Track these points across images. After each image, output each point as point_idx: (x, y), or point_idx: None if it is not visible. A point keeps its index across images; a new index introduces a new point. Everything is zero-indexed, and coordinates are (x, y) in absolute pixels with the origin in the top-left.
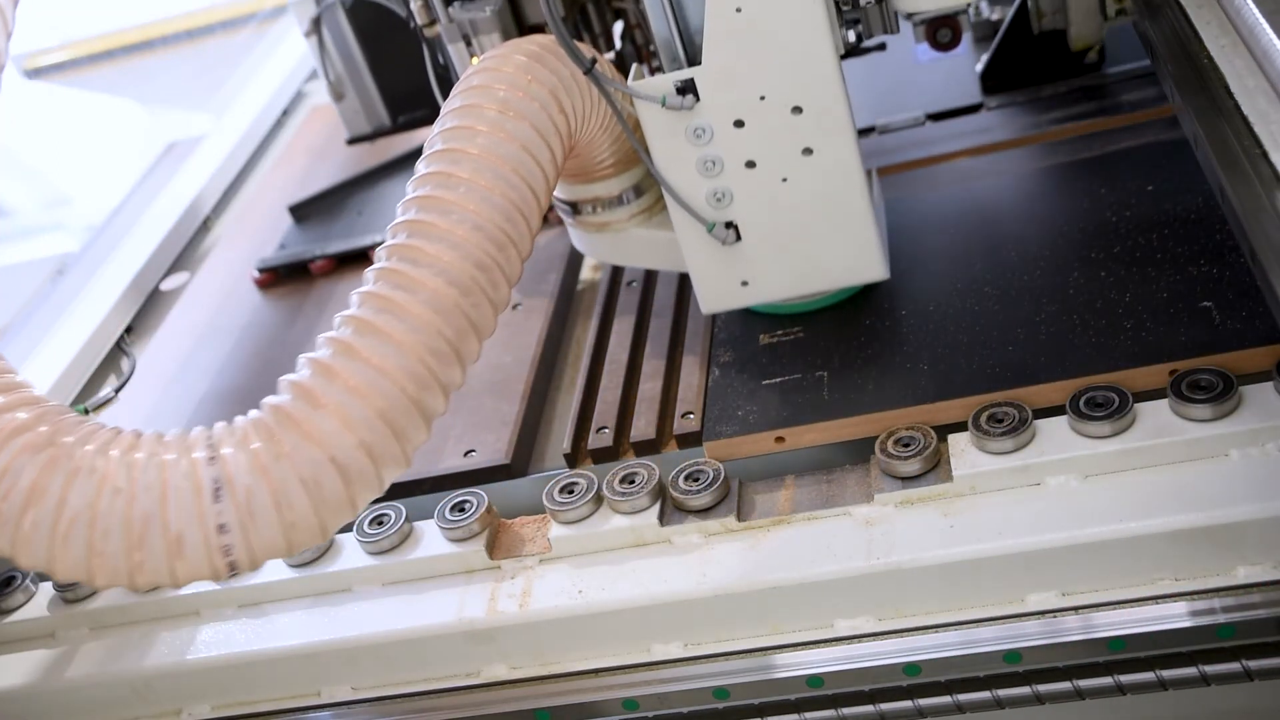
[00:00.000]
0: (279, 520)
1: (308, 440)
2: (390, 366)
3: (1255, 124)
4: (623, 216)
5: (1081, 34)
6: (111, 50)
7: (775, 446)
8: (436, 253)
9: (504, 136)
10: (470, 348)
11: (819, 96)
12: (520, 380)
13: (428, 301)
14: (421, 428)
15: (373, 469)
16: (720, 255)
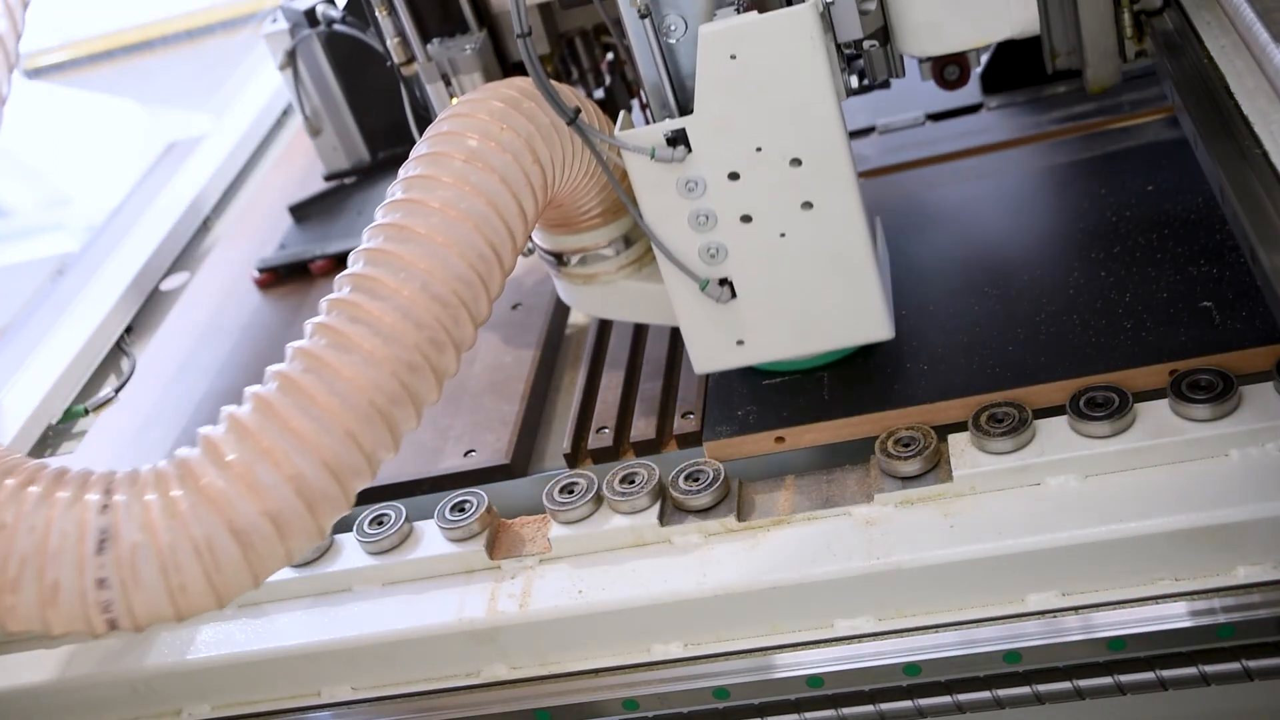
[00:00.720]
0: (164, 584)
1: (206, 503)
2: (309, 432)
3: (1255, 124)
4: (611, 268)
5: (1098, 76)
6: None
7: (775, 446)
8: (379, 313)
9: (469, 190)
10: (405, 413)
11: (819, 147)
12: (520, 380)
13: (362, 362)
14: (339, 499)
15: (278, 539)
16: (714, 313)
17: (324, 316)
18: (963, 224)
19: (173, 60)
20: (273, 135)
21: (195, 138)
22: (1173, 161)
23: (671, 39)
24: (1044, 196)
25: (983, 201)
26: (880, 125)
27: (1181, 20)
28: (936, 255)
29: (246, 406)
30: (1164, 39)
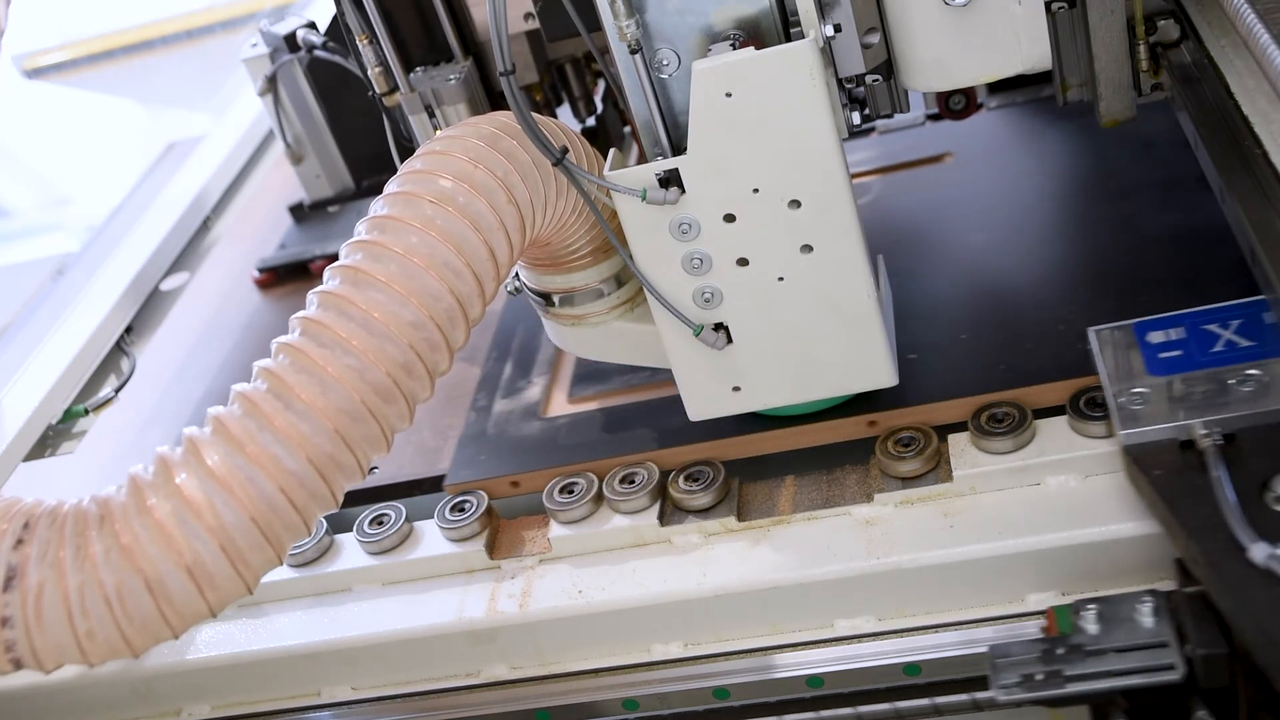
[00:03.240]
0: (70, 628)
1: (121, 551)
2: (238, 484)
3: (1255, 124)
4: (601, 309)
5: (1111, 109)
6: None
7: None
8: (324, 362)
9: (435, 235)
10: (340, 478)
11: (819, 188)
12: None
13: (299, 418)
14: (269, 553)
15: (198, 594)
16: (709, 358)
17: (270, 361)
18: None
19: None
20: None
21: (195, 138)
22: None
23: (664, 74)
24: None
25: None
26: (880, 125)
27: (1199, 52)
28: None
29: (178, 450)
30: (1180, 72)
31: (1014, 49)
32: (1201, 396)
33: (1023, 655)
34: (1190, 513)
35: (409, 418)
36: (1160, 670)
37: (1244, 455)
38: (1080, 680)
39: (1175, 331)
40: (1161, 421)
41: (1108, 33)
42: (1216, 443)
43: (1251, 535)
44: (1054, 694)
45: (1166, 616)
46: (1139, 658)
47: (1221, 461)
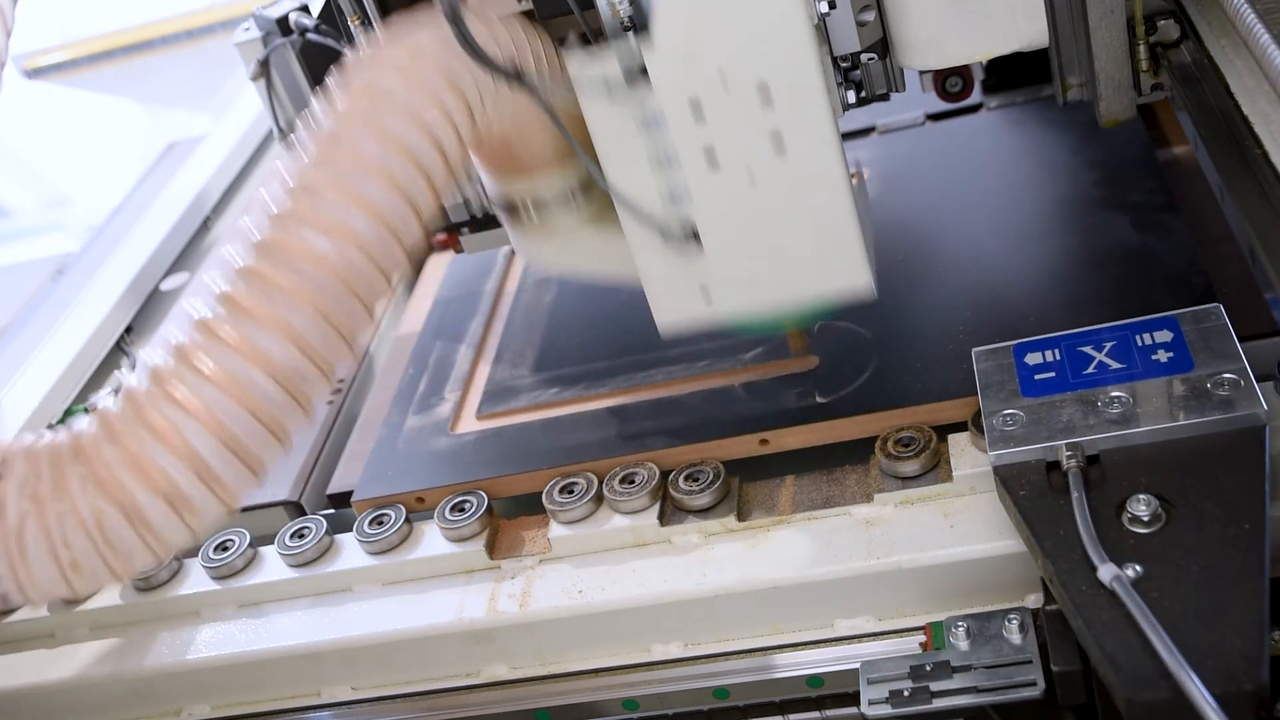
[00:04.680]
0: (54, 560)
1: (96, 482)
2: (204, 409)
3: (1255, 124)
4: (569, 221)
5: (1111, 109)
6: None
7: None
8: (275, 275)
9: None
10: (306, 388)
11: (791, 76)
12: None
13: (259, 333)
14: (243, 472)
15: (177, 519)
16: (678, 264)
17: (219, 279)
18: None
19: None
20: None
21: (195, 138)
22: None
23: None
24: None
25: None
26: (880, 125)
27: (1199, 52)
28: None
29: (139, 378)
30: (1180, 72)
31: (1010, 26)
32: (1069, 418)
33: (893, 672)
34: (1048, 533)
35: (369, 319)
36: (1022, 687)
37: (1105, 476)
38: (945, 696)
39: (1051, 353)
40: (1029, 443)
41: (1108, 33)
42: (1079, 464)
43: (1102, 555)
44: (919, 710)
45: (1032, 633)
46: (1004, 674)
47: (1082, 483)
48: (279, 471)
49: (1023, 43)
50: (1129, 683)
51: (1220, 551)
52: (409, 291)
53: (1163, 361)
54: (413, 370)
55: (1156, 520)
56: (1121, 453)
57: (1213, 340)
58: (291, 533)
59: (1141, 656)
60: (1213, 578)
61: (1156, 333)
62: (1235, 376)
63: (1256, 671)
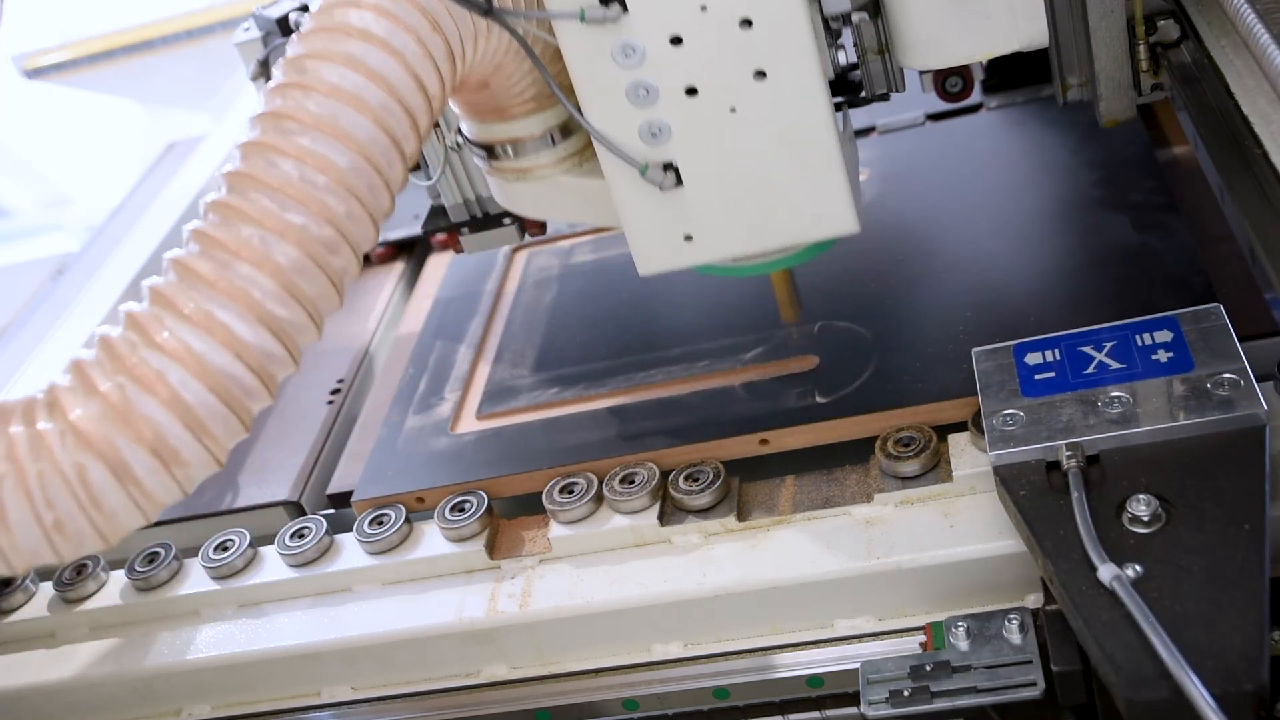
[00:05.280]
0: (37, 522)
1: (75, 435)
2: (189, 354)
3: (1255, 124)
4: (547, 161)
5: (1111, 109)
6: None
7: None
8: (260, 217)
9: (361, 73)
10: (295, 335)
11: (774, 4)
12: None
13: (244, 278)
14: (232, 422)
15: (164, 471)
16: (658, 204)
17: (198, 223)
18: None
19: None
20: None
21: (195, 138)
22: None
23: None
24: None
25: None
26: (880, 125)
27: (1199, 52)
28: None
29: (116, 329)
30: (1180, 72)
31: (1010, 26)
32: (1069, 418)
33: (893, 672)
34: (1048, 533)
35: (357, 267)
36: (1022, 687)
37: (1105, 476)
38: (945, 697)
39: (1051, 353)
40: (1029, 443)
41: (1108, 33)
42: (1079, 464)
43: (1102, 555)
44: (919, 710)
45: (1032, 633)
46: (1004, 674)
47: (1082, 483)
48: (279, 471)
49: (1023, 43)
50: (1129, 683)
51: (1220, 551)
52: (409, 291)
53: (1163, 361)
54: (413, 370)
55: (1156, 520)
56: (1121, 453)
57: (1213, 340)
58: (291, 533)
59: (1141, 656)
60: (1213, 578)
61: (1156, 333)
62: (1235, 376)
63: (1256, 671)
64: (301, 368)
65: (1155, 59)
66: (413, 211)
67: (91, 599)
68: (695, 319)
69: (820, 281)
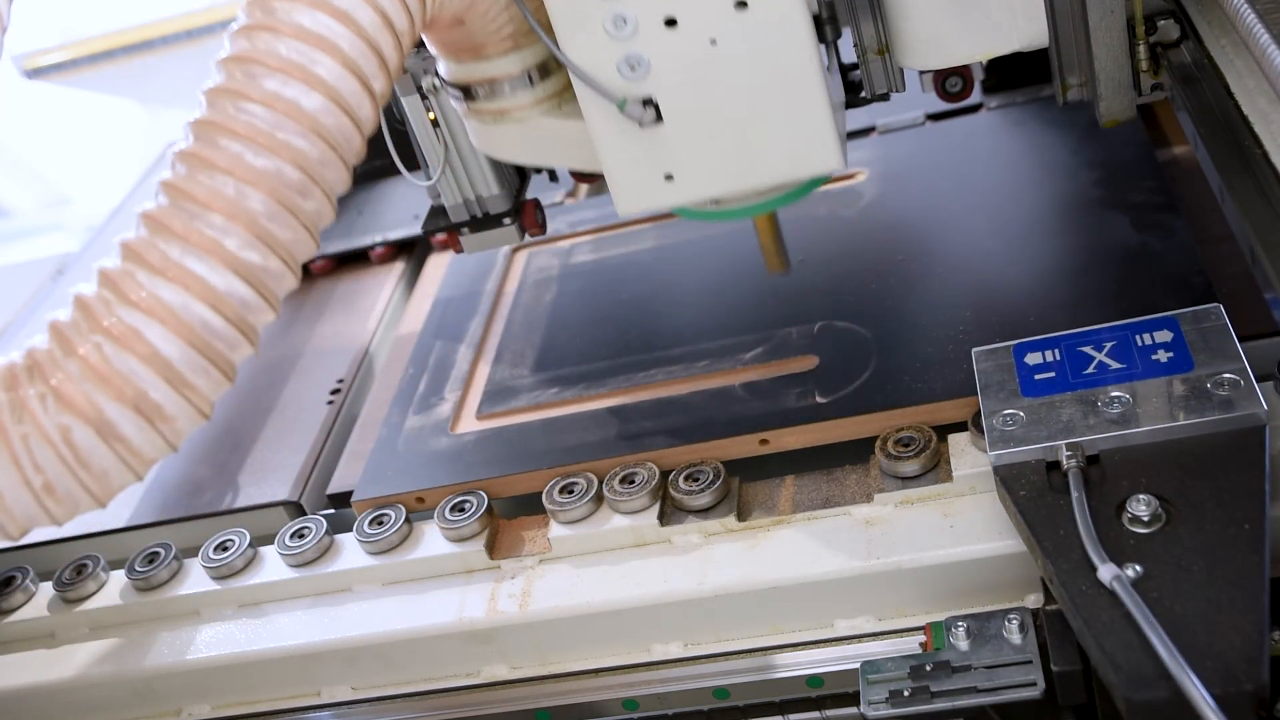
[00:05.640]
0: (26, 486)
1: (56, 397)
2: (165, 309)
3: (1255, 124)
4: (525, 102)
5: (1111, 109)
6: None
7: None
8: (229, 166)
9: (326, 12)
10: (271, 283)
11: None
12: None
13: (216, 228)
14: (214, 374)
15: (150, 428)
16: (638, 141)
17: (168, 174)
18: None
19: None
20: None
21: None
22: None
23: None
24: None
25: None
26: (880, 125)
27: (1199, 52)
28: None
29: (89, 287)
30: (1181, 72)
31: (1010, 26)
32: (1069, 418)
33: (893, 672)
34: (1048, 533)
35: (330, 210)
36: (1022, 687)
37: (1105, 476)
38: (945, 697)
39: (1051, 353)
40: (1029, 443)
41: (1108, 32)
42: (1079, 464)
43: (1102, 555)
44: (919, 710)
45: (1032, 633)
46: (1004, 674)
47: (1082, 483)
48: (279, 471)
49: (1023, 43)
50: (1129, 683)
51: (1220, 551)
52: (409, 291)
53: (1163, 361)
54: (413, 370)
55: (1156, 520)
56: (1121, 453)
57: (1213, 340)
58: (291, 533)
59: (1141, 656)
60: (1213, 578)
61: (1156, 333)
62: (1235, 376)
63: (1256, 671)
64: (301, 368)
65: (1155, 59)
66: (413, 211)
67: (91, 599)
68: (695, 319)
69: (820, 281)
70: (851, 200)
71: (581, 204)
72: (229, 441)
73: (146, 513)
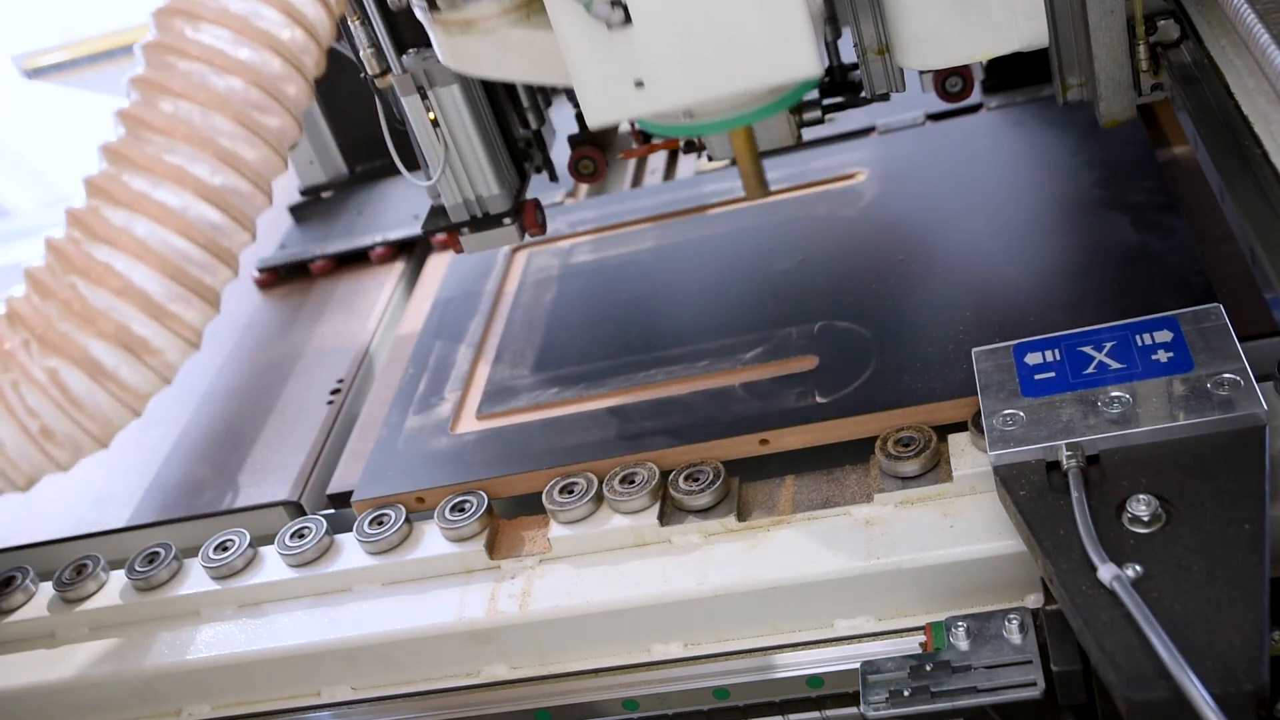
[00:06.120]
0: (24, 433)
1: (38, 341)
2: (134, 242)
3: (1255, 124)
4: (491, 11)
5: (1111, 109)
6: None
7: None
8: (185, 90)
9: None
10: (242, 204)
11: None
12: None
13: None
14: (195, 302)
15: (137, 362)
16: (606, 47)
17: (124, 104)
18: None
19: None
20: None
21: None
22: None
23: None
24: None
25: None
26: (880, 125)
27: (1199, 52)
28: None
29: (65, 228)
30: (1181, 72)
31: (1010, 26)
32: (1069, 418)
33: (893, 672)
34: (1048, 533)
35: (295, 127)
36: (1022, 687)
37: (1105, 476)
38: (945, 697)
39: (1051, 353)
40: (1029, 443)
41: (1108, 32)
42: (1079, 464)
43: (1102, 555)
44: (919, 710)
45: (1032, 633)
46: (1004, 674)
47: (1082, 483)
48: (279, 471)
49: (1023, 43)
50: (1129, 683)
51: (1220, 551)
52: (409, 291)
53: (1163, 361)
54: (413, 370)
55: (1156, 520)
56: (1121, 453)
57: (1213, 340)
58: (291, 533)
59: (1141, 656)
60: (1213, 578)
61: (1156, 333)
62: (1235, 376)
63: (1256, 671)
64: (301, 368)
65: (1155, 59)
66: (413, 211)
67: (91, 599)
68: (695, 319)
69: (820, 281)
70: (851, 200)
71: (581, 204)
72: (229, 441)
73: (146, 513)
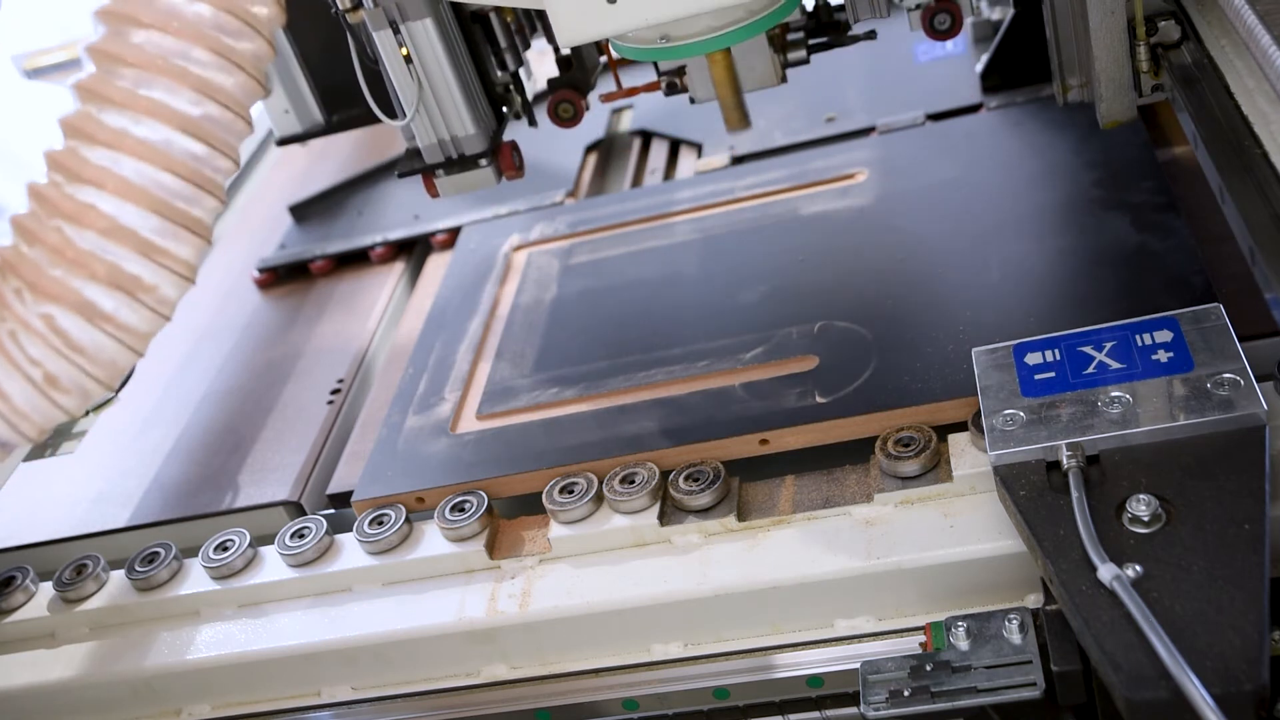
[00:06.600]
0: (27, 382)
1: (30, 288)
2: (116, 180)
3: (1255, 124)
4: None
5: (1112, 110)
6: None
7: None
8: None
9: None
10: (223, 133)
11: None
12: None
13: (153, 86)
14: (184, 235)
15: (133, 301)
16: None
17: (93, 39)
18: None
19: None
20: (272, 135)
21: None
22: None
23: None
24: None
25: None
26: (880, 125)
27: (1200, 53)
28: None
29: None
30: (1181, 72)
31: None
32: (1069, 418)
33: (893, 672)
34: (1048, 533)
35: (269, 49)
36: (1022, 687)
37: (1105, 476)
38: (945, 697)
39: (1051, 353)
40: (1029, 443)
41: (1108, 33)
42: (1079, 464)
43: (1102, 555)
44: (919, 710)
45: (1032, 633)
46: (1003, 674)
47: (1082, 483)
48: (279, 472)
49: None
50: (1129, 683)
51: (1220, 551)
52: (409, 291)
53: (1163, 361)
54: (413, 370)
55: (1156, 520)
56: (1121, 453)
57: (1213, 340)
58: (291, 533)
59: (1141, 656)
60: (1213, 578)
61: (1156, 333)
62: (1235, 376)
63: (1256, 671)
64: (301, 368)
65: (1156, 60)
66: (413, 211)
67: (91, 599)
68: (695, 319)
69: (820, 281)
70: (852, 200)
71: (581, 204)
72: (229, 441)
73: (146, 513)
